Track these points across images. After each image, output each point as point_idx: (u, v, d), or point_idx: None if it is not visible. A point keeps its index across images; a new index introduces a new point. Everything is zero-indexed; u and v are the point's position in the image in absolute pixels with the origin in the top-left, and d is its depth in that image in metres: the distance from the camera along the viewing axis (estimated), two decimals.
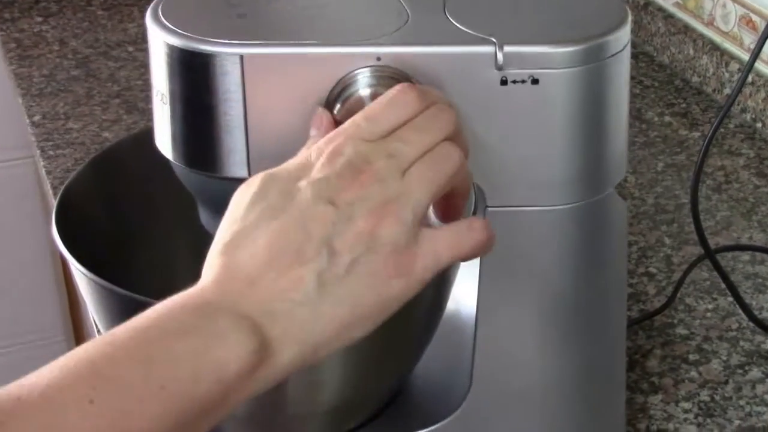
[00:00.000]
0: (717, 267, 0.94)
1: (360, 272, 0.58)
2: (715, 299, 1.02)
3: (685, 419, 0.89)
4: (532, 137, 0.70)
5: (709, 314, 1.00)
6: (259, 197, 0.61)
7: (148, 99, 1.37)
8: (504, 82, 0.69)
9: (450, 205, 0.65)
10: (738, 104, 1.30)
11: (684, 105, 1.33)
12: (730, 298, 1.01)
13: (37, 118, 1.33)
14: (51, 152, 1.26)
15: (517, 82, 0.69)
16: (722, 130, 1.27)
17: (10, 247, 1.85)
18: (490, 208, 0.72)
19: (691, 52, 1.36)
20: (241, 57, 0.68)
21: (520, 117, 0.69)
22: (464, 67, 0.68)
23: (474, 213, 0.76)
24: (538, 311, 0.76)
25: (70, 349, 1.62)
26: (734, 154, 1.23)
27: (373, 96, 0.67)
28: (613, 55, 0.70)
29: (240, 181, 0.71)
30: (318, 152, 0.61)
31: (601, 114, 0.71)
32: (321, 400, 0.77)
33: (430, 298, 0.77)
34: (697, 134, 1.27)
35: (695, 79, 1.37)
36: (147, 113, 1.33)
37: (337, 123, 0.67)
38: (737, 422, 0.88)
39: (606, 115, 0.71)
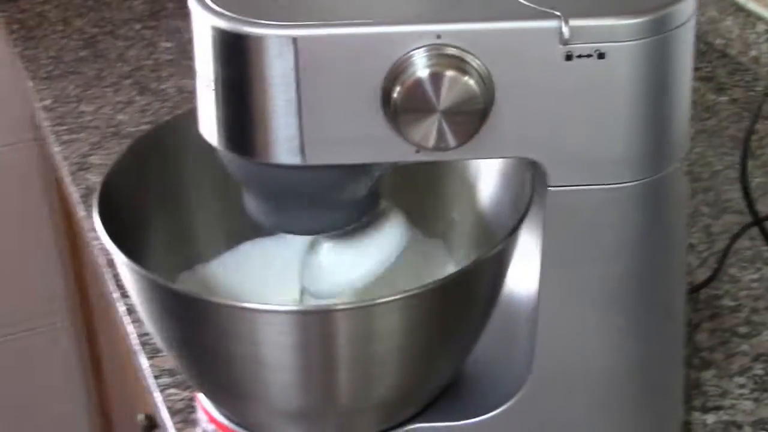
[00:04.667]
0: (766, 236, 0.92)
1: None
2: (760, 269, 1.00)
3: (741, 395, 0.87)
4: (597, 113, 0.68)
5: (754, 284, 0.98)
6: None
7: (160, 79, 1.34)
8: (569, 57, 0.66)
9: None
10: (766, 66, 1.28)
11: (709, 69, 1.31)
12: None
13: (48, 102, 1.30)
14: (65, 137, 1.23)
15: (583, 56, 0.66)
16: (751, 93, 1.25)
17: (11, 232, 1.82)
18: (552, 188, 0.70)
19: (715, 13, 1.34)
20: (294, 39, 0.65)
21: (584, 93, 0.67)
22: (528, 43, 0.66)
23: (531, 196, 0.74)
24: (602, 293, 0.73)
25: (75, 335, 1.57)
26: (766, 117, 1.21)
27: (433, 76, 0.65)
28: (679, 26, 0.67)
29: (293, 168, 0.69)
30: None
31: (666, 87, 0.68)
32: (374, 395, 0.75)
33: (488, 290, 0.74)
34: (724, 98, 1.25)
35: (719, 41, 1.34)
36: (160, 94, 1.30)
37: (393, 115, 0.64)
38: None
39: (671, 87, 0.69)
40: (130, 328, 0.96)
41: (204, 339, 0.71)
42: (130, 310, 0.98)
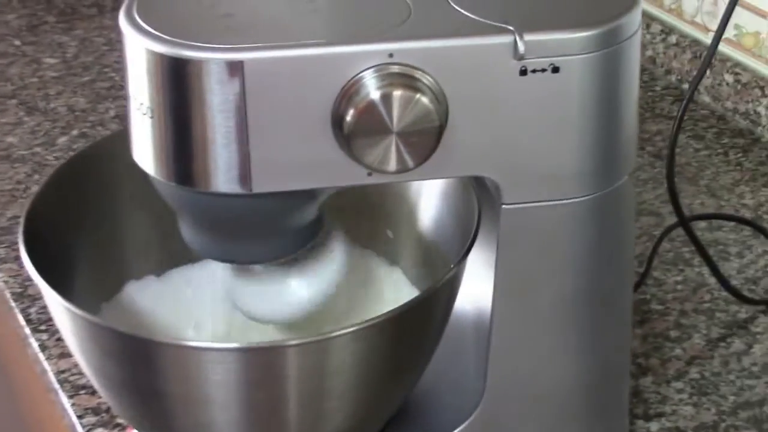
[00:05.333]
0: (692, 237, 0.92)
1: None
2: (682, 270, 1.00)
3: (680, 400, 0.87)
4: (550, 128, 0.66)
5: (679, 287, 0.98)
6: None
7: (48, 98, 1.28)
8: (524, 72, 0.64)
9: None
10: (662, 66, 1.29)
11: None
12: (697, 269, 1.00)
13: None
14: None
15: (537, 71, 0.64)
16: (650, 93, 1.26)
17: None
18: (505, 206, 0.68)
19: None
20: (241, 63, 0.62)
21: (539, 107, 0.65)
22: (482, 59, 0.64)
23: (479, 217, 0.72)
24: (556, 310, 0.72)
25: None
26: (667, 117, 1.22)
27: (385, 97, 0.62)
28: (629, 37, 0.66)
29: (237, 197, 0.66)
30: None
31: (618, 99, 0.67)
32: (325, 429, 0.72)
33: (441, 314, 0.72)
34: None
35: None
36: (49, 114, 1.25)
37: (347, 138, 0.62)
38: (732, 398, 0.87)
39: (622, 99, 0.68)
40: (47, 365, 0.91)
41: (145, 379, 0.67)
42: (44, 347, 0.93)
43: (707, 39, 1.24)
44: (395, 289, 0.84)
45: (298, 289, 0.74)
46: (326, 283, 0.74)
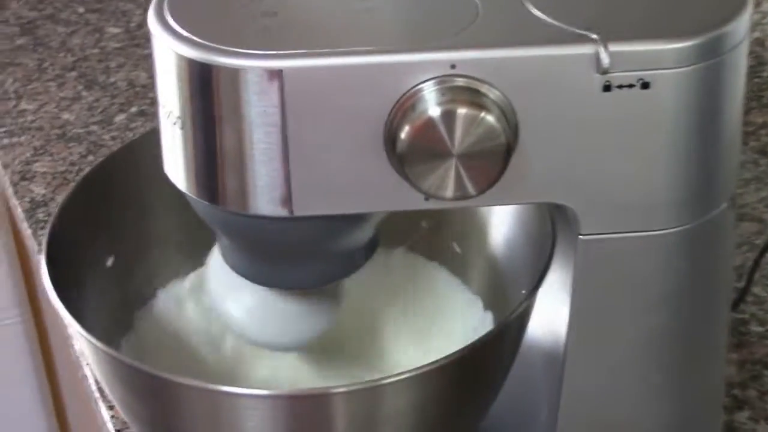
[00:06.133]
0: None
1: None
2: None
3: None
4: (637, 152, 0.57)
5: None
6: None
7: (108, 71, 1.21)
8: (607, 88, 0.55)
9: None
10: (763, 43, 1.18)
11: None
12: None
13: None
14: (5, 140, 1.10)
15: (624, 87, 0.55)
16: (756, 79, 1.15)
17: None
18: (583, 237, 0.59)
19: None
20: (280, 72, 0.54)
21: (624, 128, 0.56)
22: (559, 72, 0.55)
23: (553, 241, 0.63)
24: (638, 349, 0.63)
25: (27, 330, 1.42)
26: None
27: (446, 115, 0.54)
28: (733, 48, 0.57)
29: (277, 220, 0.58)
30: None
31: (718, 119, 0.58)
32: None
33: (509, 351, 0.64)
34: None
35: None
36: (108, 89, 1.18)
37: (400, 159, 0.54)
38: None
39: (723, 119, 0.58)
40: (87, 371, 0.85)
41: (179, 424, 0.60)
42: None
43: None
44: (463, 309, 0.76)
45: (320, 312, 0.67)
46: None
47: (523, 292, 0.70)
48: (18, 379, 1.81)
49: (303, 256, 0.62)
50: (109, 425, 0.81)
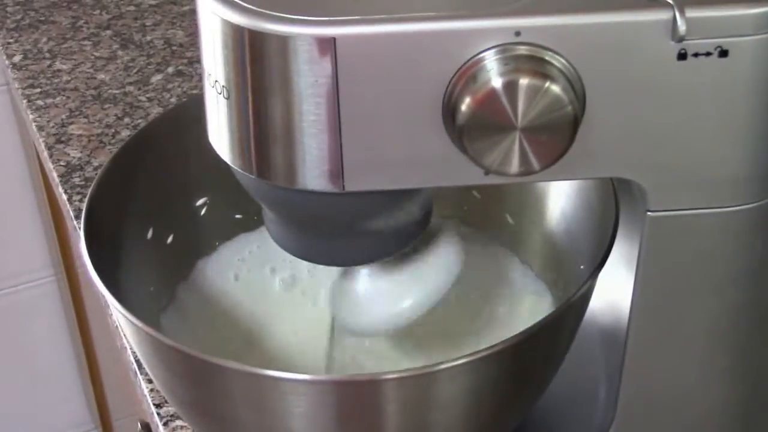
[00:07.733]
0: None
1: None
2: None
3: None
4: (713, 124, 0.54)
5: None
6: None
7: (144, 29, 1.18)
8: (683, 56, 0.52)
9: None
10: None
11: None
12: None
13: (17, 58, 1.15)
14: (39, 101, 1.08)
15: (700, 55, 0.52)
16: None
17: None
18: (651, 213, 0.56)
19: None
20: (333, 40, 0.51)
21: (700, 98, 0.53)
22: (631, 39, 0.51)
23: (617, 218, 0.60)
24: (707, 330, 0.60)
25: (61, 289, 1.39)
26: None
27: (508, 86, 0.50)
28: None
29: (328, 195, 0.55)
30: None
31: None
32: None
33: (568, 334, 0.61)
34: None
35: None
36: (145, 47, 1.15)
37: (460, 132, 0.50)
38: None
39: None
40: (126, 342, 0.82)
41: (225, 407, 0.57)
42: None
43: None
44: (521, 283, 0.73)
45: (402, 296, 0.63)
46: (433, 290, 0.63)
47: (582, 267, 0.67)
48: (52, 339, 1.80)
49: (353, 232, 0.59)
50: (149, 398, 0.79)
